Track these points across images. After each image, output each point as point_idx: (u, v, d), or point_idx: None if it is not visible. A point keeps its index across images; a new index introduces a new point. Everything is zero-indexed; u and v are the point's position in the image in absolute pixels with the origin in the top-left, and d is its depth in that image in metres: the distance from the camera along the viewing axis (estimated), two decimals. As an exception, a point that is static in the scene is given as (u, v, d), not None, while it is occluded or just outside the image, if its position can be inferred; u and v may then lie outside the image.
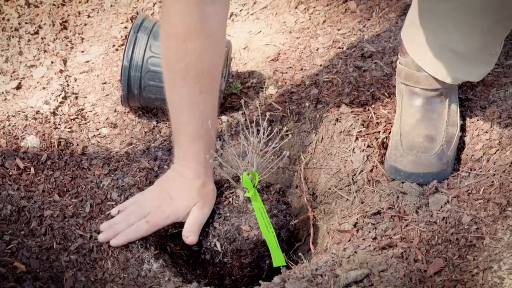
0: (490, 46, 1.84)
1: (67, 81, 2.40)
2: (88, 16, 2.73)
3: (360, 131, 2.03)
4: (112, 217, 1.84)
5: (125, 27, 2.69)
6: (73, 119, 2.23)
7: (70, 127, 2.18)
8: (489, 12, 1.72)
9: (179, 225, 2.02)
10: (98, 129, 2.23)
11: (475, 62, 1.87)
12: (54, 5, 2.66)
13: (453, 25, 1.77)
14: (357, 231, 1.78)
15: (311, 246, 1.88)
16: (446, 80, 1.88)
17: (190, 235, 1.79)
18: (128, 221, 1.79)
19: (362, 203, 1.87)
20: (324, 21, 2.67)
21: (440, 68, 1.86)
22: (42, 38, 2.53)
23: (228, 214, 1.85)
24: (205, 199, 1.82)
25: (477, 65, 1.88)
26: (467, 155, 1.91)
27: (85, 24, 2.71)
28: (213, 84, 1.71)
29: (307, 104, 2.21)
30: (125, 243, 1.77)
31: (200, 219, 1.81)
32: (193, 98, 1.69)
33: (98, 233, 1.79)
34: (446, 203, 1.75)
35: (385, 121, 2.08)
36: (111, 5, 2.76)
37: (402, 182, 1.84)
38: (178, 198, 1.81)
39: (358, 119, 2.06)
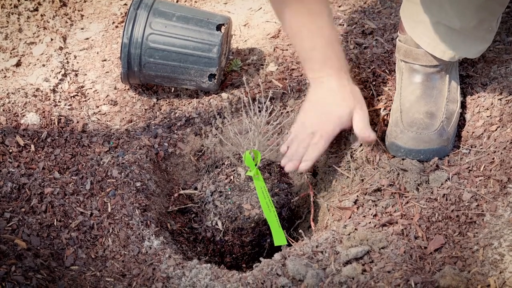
0: (486, 23, 1.83)
1: (66, 58, 2.39)
2: (88, -7, 2.72)
3: (361, 108, 2.02)
4: (283, 154, 1.90)
5: (125, 4, 2.67)
6: (73, 96, 2.22)
7: (70, 105, 2.18)
8: None
9: (180, 202, 2.02)
10: (98, 107, 2.23)
11: (471, 39, 1.86)
12: (53, -19, 2.65)
13: (448, 1, 1.76)
14: (358, 208, 1.78)
15: (312, 223, 1.89)
16: (443, 57, 1.87)
17: (369, 134, 1.85)
18: (304, 145, 1.85)
19: (363, 180, 1.87)
20: (325, -2, 2.65)
21: (437, 45, 1.86)
22: (41, 15, 2.52)
23: (229, 192, 1.85)
24: (360, 101, 1.87)
25: (473, 42, 1.87)
26: (467, 132, 1.90)
27: (85, 1, 2.70)
28: (319, 4, 1.76)
29: (307, 81, 2.20)
30: (311, 165, 1.86)
31: (366, 118, 1.87)
32: (307, 23, 1.77)
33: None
34: (446, 180, 1.75)
35: (385, 98, 2.07)
36: (110, -18, 2.75)
37: (403, 159, 1.84)
38: (338, 107, 1.86)
39: (358, 96, 2.05)
